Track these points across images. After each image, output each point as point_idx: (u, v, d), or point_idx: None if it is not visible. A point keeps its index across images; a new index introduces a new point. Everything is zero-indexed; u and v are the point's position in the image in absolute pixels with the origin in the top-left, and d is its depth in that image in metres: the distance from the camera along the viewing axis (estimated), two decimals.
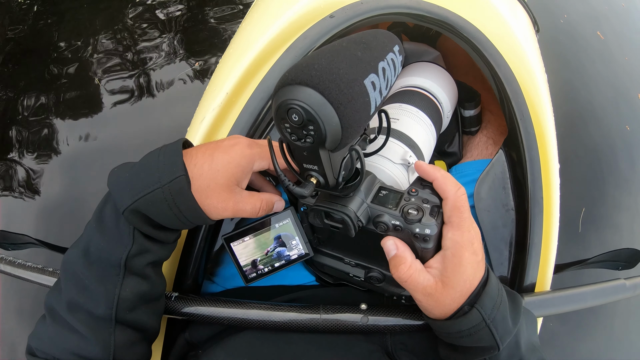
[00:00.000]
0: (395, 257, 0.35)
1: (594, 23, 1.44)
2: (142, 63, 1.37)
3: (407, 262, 0.35)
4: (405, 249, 0.35)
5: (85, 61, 1.36)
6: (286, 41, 0.49)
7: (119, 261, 0.35)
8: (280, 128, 0.28)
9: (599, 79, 1.36)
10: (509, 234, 0.52)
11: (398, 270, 0.35)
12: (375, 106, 0.30)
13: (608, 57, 1.39)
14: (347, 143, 0.28)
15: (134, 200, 0.34)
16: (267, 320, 0.41)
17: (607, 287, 0.48)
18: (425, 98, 0.52)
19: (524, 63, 0.51)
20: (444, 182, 0.34)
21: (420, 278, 0.34)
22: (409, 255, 0.35)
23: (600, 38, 1.38)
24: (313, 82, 0.25)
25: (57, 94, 1.31)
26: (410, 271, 0.34)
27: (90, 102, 1.30)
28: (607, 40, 1.39)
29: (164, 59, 1.38)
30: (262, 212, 0.39)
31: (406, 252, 0.35)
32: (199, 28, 1.46)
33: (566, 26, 1.41)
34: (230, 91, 0.47)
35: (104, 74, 1.34)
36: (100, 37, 1.41)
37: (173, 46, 1.40)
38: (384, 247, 0.36)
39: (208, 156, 0.36)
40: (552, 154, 0.51)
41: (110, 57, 1.38)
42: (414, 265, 0.35)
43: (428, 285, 0.34)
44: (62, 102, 1.30)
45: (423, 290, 0.34)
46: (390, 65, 0.32)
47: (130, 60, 1.37)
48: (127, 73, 1.34)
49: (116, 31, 1.44)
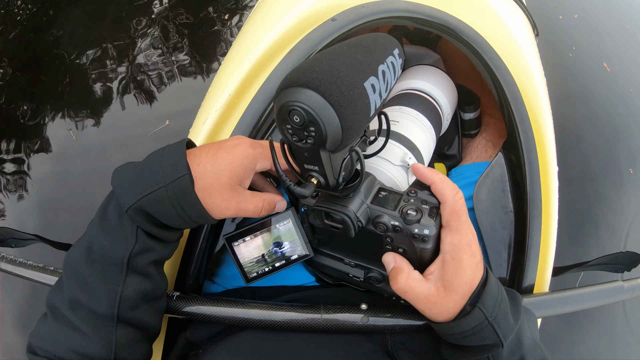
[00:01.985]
0: (394, 269, 0.36)
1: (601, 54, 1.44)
2: (142, 63, 1.38)
3: (405, 272, 0.35)
4: (403, 261, 0.36)
5: (83, 64, 1.37)
6: (288, 44, 0.49)
7: (121, 259, 0.35)
8: (282, 129, 0.29)
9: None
10: (508, 236, 0.52)
11: (397, 280, 0.35)
12: (375, 108, 0.30)
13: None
14: (348, 144, 0.29)
15: (138, 199, 0.34)
16: (268, 320, 0.42)
17: (606, 289, 0.49)
18: (425, 101, 0.52)
19: (524, 67, 0.52)
20: (442, 186, 0.35)
21: (420, 287, 0.35)
22: (406, 266, 0.36)
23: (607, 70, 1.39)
24: (314, 84, 0.26)
25: (57, 94, 1.32)
26: (408, 281, 0.35)
27: (91, 101, 1.31)
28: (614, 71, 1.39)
29: (164, 57, 1.39)
30: (264, 212, 0.39)
31: (404, 264, 0.36)
32: (203, 30, 1.46)
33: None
34: (232, 93, 0.48)
35: (101, 74, 1.34)
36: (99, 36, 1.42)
37: (173, 44, 1.41)
38: (383, 261, 0.37)
39: (211, 156, 0.36)
40: (550, 157, 0.51)
41: (109, 57, 1.38)
42: (411, 275, 0.35)
43: (430, 294, 0.35)
44: (62, 100, 1.31)
45: (426, 299, 0.35)
46: (390, 69, 0.33)
47: (131, 61, 1.38)
48: (129, 73, 1.35)
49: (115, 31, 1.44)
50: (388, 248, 0.37)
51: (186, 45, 1.42)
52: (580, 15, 1.58)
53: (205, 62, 1.38)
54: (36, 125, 1.26)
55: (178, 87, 1.33)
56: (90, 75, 1.34)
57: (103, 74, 1.34)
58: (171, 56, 1.39)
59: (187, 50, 1.41)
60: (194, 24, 1.47)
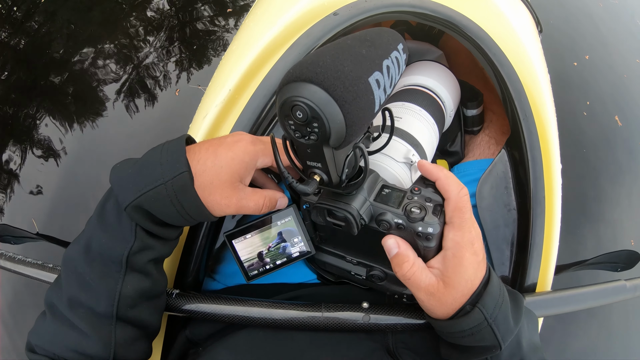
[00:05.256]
0: (398, 256, 0.35)
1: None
2: (142, 63, 1.37)
3: (410, 260, 0.35)
4: (408, 247, 0.35)
5: (85, 65, 1.35)
6: (289, 38, 0.48)
7: (120, 258, 0.35)
8: (284, 125, 0.28)
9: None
10: (511, 233, 0.52)
11: (402, 268, 0.35)
12: (380, 104, 0.30)
13: None
14: (351, 141, 0.28)
15: (137, 197, 0.34)
16: (269, 318, 0.41)
17: (608, 288, 0.48)
18: (428, 97, 0.52)
19: (527, 63, 0.51)
20: (446, 183, 0.34)
21: (423, 276, 0.34)
22: (411, 254, 0.35)
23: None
24: (318, 79, 0.25)
25: (60, 93, 1.31)
26: (413, 269, 0.34)
27: (92, 100, 1.30)
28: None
29: (165, 57, 1.38)
30: (265, 209, 0.39)
31: (408, 250, 0.35)
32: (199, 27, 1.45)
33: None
34: (233, 88, 0.47)
35: (104, 75, 1.34)
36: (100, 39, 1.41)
37: (173, 44, 1.40)
38: (384, 245, 0.36)
39: (211, 152, 0.36)
40: (554, 154, 0.51)
41: (111, 58, 1.38)
42: (417, 263, 0.35)
43: (430, 284, 0.34)
44: (64, 99, 1.30)
45: (425, 289, 0.34)
46: (395, 64, 0.32)
47: (132, 61, 1.37)
48: (131, 72, 1.34)
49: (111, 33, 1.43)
50: None
51: (187, 45, 1.41)
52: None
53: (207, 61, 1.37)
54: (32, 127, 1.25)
55: (181, 84, 1.32)
56: (91, 76, 1.33)
57: (105, 75, 1.34)
58: (172, 54, 1.38)
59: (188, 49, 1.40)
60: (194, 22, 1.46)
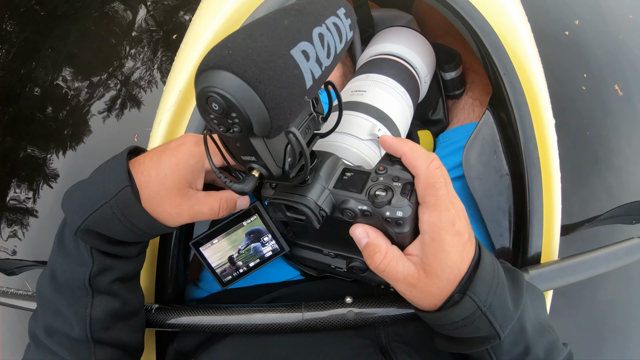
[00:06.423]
0: (368, 246, 0.31)
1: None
2: (130, 77, 1.36)
3: (382, 250, 0.31)
4: (378, 235, 0.31)
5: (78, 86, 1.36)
6: (236, 25, 0.45)
7: (83, 282, 0.34)
8: (207, 120, 0.25)
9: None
10: (506, 201, 0.47)
11: (373, 259, 0.31)
12: (314, 78, 0.26)
13: None
14: (282, 125, 0.25)
15: (84, 220, 0.33)
16: (247, 324, 0.39)
17: (621, 249, 0.43)
18: (396, 64, 0.47)
19: (501, 12, 0.45)
20: (412, 157, 0.30)
21: (399, 266, 0.30)
22: (382, 242, 0.31)
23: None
24: (225, 62, 0.22)
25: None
26: (387, 259, 0.30)
27: (84, 117, 1.31)
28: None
29: (150, 69, 1.37)
30: (223, 212, 0.36)
31: (379, 239, 0.31)
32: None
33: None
34: (183, 88, 0.44)
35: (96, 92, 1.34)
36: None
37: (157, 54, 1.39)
38: (352, 236, 0.32)
39: (155, 161, 0.34)
40: (544, 109, 0.46)
41: (101, 72, 1.38)
42: (390, 252, 0.31)
43: (409, 274, 0.30)
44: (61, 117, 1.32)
45: (405, 280, 0.30)
46: (333, 30, 0.28)
47: (121, 74, 1.37)
48: (122, 88, 1.35)
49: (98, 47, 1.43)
50: None
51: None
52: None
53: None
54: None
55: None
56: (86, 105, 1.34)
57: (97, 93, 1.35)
58: (157, 64, 1.37)
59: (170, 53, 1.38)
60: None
